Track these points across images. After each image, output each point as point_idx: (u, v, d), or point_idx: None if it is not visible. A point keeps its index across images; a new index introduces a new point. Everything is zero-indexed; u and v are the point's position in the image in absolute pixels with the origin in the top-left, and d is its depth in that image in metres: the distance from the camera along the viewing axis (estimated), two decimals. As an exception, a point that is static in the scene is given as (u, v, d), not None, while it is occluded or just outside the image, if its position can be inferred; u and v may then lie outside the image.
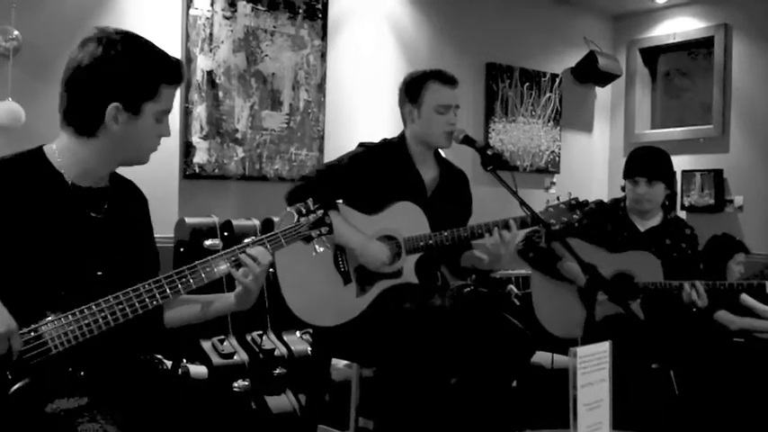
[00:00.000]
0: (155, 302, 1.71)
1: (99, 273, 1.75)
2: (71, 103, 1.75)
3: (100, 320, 1.64)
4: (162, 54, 1.78)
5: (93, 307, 1.64)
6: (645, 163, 3.32)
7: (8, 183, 1.69)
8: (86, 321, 1.63)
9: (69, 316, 1.62)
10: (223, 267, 1.80)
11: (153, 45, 1.78)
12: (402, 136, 2.94)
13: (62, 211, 1.73)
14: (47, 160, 1.76)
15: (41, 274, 1.67)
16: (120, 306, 1.66)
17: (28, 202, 1.69)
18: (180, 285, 1.74)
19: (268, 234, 1.87)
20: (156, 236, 2.02)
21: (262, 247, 1.84)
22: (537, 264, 3.33)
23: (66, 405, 1.63)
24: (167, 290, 1.72)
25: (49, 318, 1.61)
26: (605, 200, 3.64)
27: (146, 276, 1.72)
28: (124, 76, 1.71)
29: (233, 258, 1.81)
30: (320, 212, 1.95)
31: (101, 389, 1.68)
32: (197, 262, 1.78)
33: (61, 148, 1.77)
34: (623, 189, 3.43)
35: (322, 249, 2.00)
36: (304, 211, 1.94)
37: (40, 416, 1.60)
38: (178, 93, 2.16)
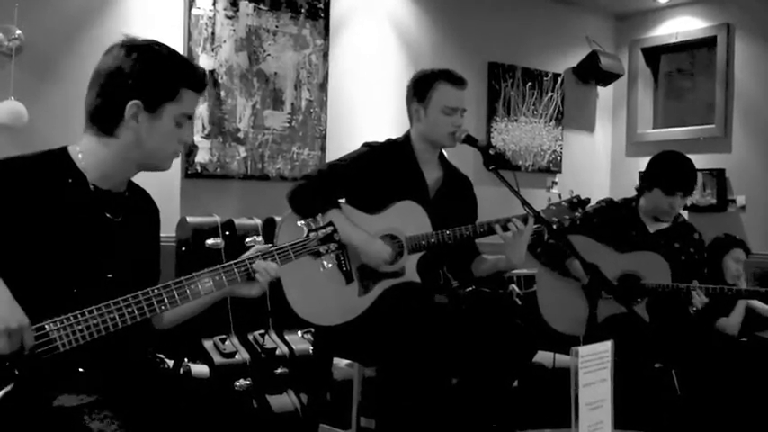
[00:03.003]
0: (162, 307, 1.73)
1: (109, 275, 1.77)
2: (95, 102, 1.79)
3: (108, 321, 1.66)
4: (185, 60, 1.86)
5: (103, 308, 1.66)
6: (689, 179, 3.27)
7: (30, 180, 1.71)
8: (95, 321, 1.65)
9: (78, 315, 1.63)
10: (232, 278, 1.83)
11: (177, 52, 1.85)
12: (407, 136, 2.94)
13: (82, 212, 1.76)
14: (71, 161, 1.79)
15: (55, 271, 1.69)
16: (129, 309, 1.68)
17: (49, 200, 1.72)
18: (188, 291, 1.76)
19: (278, 247, 1.91)
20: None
21: (272, 261, 1.88)
22: (545, 259, 3.32)
23: (70, 402, 1.64)
24: (176, 295, 1.74)
25: (59, 316, 1.62)
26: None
27: (150, 284, 1.74)
28: (145, 74, 1.76)
29: (243, 269, 1.84)
30: (329, 229, 1.99)
31: (105, 387, 1.69)
32: (206, 269, 1.80)
33: (84, 150, 1.80)
34: (639, 190, 3.39)
35: (330, 266, 2.05)
36: (314, 226, 1.99)
37: (45, 412, 1.61)
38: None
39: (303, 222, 2.01)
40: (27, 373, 1.58)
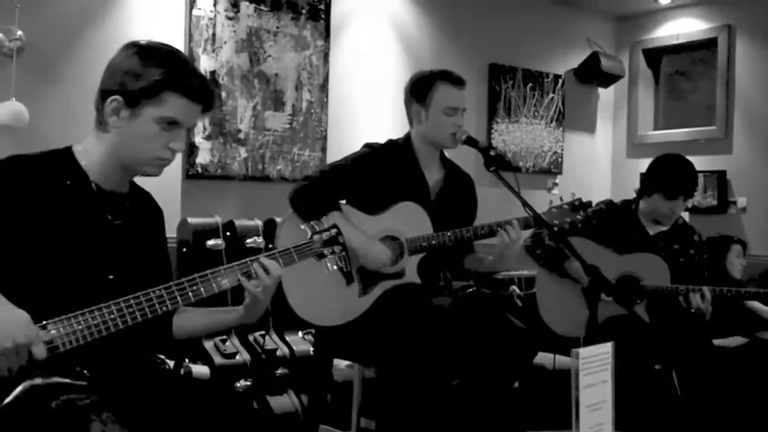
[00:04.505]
0: (164, 308, 1.72)
1: (111, 276, 1.77)
2: (96, 96, 1.79)
3: (109, 322, 1.65)
4: (184, 65, 1.78)
5: (103, 309, 1.65)
6: (690, 182, 3.25)
7: (32, 179, 1.71)
8: (95, 322, 1.64)
9: (78, 316, 1.63)
10: (233, 278, 1.81)
11: (181, 57, 1.80)
12: (408, 137, 2.94)
13: (82, 213, 1.76)
14: (75, 160, 1.79)
15: (55, 272, 1.69)
16: (130, 310, 1.68)
17: (50, 200, 1.71)
18: (190, 293, 1.75)
19: (281, 249, 1.89)
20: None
21: (274, 260, 1.85)
22: (544, 261, 3.32)
23: (71, 403, 1.62)
24: (177, 297, 1.73)
25: (59, 317, 1.61)
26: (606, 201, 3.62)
27: (156, 285, 1.73)
28: (132, 69, 1.73)
29: (244, 269, 1.82)
30: (333, 231, 1.97)
31: (105, 388, 1.69)
32: (208, 271, 1.78)
33: (85, 149, 1.80)
34: (639, 193, 3.38)
35: (335, 268, 2.04)
36: (318, 228, 1.97)
37: (45, 413, 1.60)
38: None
39: (307, 225, 1.99)
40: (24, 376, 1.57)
